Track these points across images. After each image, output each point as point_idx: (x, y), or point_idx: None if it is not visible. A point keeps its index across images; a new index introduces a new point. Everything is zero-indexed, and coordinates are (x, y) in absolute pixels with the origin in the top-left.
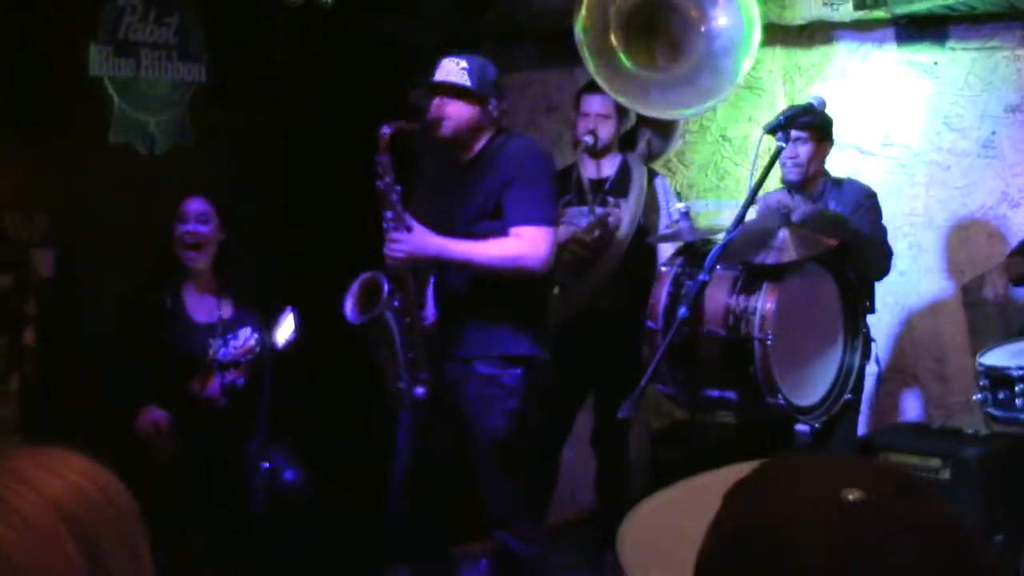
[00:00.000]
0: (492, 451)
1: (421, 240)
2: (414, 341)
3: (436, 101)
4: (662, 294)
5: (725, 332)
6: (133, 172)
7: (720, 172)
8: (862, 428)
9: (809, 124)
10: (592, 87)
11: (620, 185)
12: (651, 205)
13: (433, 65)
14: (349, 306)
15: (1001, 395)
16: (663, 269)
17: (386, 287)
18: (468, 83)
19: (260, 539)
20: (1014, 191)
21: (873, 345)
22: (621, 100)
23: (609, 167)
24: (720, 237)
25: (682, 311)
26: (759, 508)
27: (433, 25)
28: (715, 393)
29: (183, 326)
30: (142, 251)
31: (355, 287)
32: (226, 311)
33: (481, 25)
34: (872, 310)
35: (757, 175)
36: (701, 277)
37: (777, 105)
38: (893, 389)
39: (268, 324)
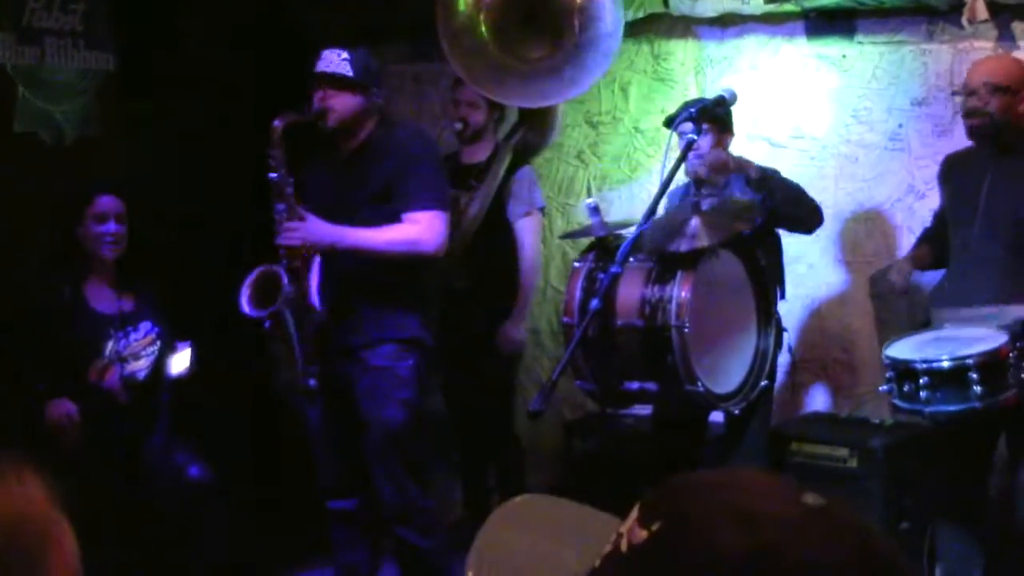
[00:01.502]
0: (387, 443)
1: (316, 229)
2: (305, 333)
3: (319, 93)
4: (576, 290)
5: (642, 323)
6: (39, 162)
7: (633, 164)
8: (774, 418)
9: (715, 116)
10: None
11: (487, 170)
12: (509, 193)
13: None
14: (244, 300)
15: (906, 387)
16: (576, 265)
17: (285, 280)
18: (349, 73)
19: (170, 534)
20: (920, 183)
21: (785, 334)
22: (477, 88)
23: (483, 152)
24: (631, 231)
25: (594, 303)
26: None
27: (347, 13)
28: (635, 385)
29: (83, 317)
30: (49, 242)
31: (250, 280)
32: (127, 304)
33: (396, 14)
34: (783, 296)
35: (668, 167)
36: (613, 269)
37: (690, 97)
38: (803, 380)
39: (171, 317)
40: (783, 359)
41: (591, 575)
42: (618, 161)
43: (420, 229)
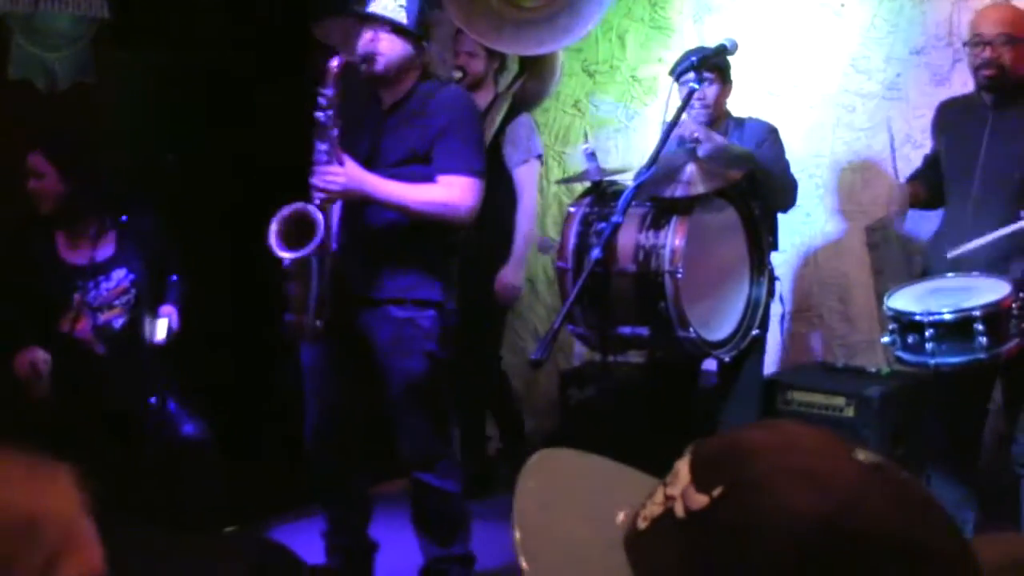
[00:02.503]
0: (410, 393)
1: (357, 175)
2: (324, 277)
3: (369, 35)
4: (571, 234)
5: (635, 268)
6: (34, 109)
7: (630, 112)
8: (769, 368)
9: (716, 65)
10: None
11: (487, 119)
12: (506, 141)
13: (340, 0)
14: (274, 237)
15: (910, 339)
16: (571, 210)
17: (322, 222)
18: (404, 20)
19: (160, 489)
20: (917, 133)
21: (777, 283)
22: (476, 38)
23: (482, 101)
24: (626, 177)
25: (595, 252)
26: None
27: None
28: (627, 330)
29: (53, 267)
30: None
31: (280, 218)
32: (102, 253)
33: None
34: (775, 247)
35: (670, 116)
36: (615, 219)
37: (687, 46)
38: (798, 329)
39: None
40: (776, 308)
41: (640, 537)
42: (615, 110)
43: (455, 192)
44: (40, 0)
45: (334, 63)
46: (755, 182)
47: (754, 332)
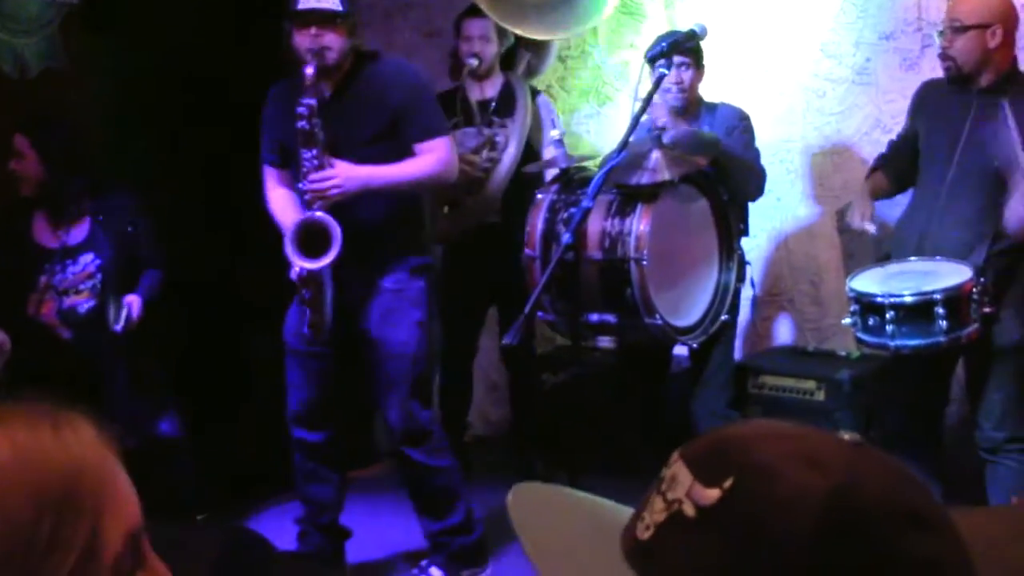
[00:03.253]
0: (401, 366)
1: (351, 173)
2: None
3: (312, 31)
4: (538, 221)
5: (602, 255)
6: (3, 94)
7: (601, 98)
8: (739, 352)
9: (691, 50)
10: (472, 11)
11: (505, 105)
12: (535, 124)
13: None
14: (293, 251)
15: (871, 321)
16: (539, 196)
17: (337, 231)
18: (339, 7)
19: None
20: (887, 118)
21: (747, 268)
22: (502, 23)
23: (492, 88)
24: (593, 163)
25: (566, 237)
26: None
27: None
28: (595, 317)
29: (23, 249)
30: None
31: (293, 231)
32: (75, 238)
33: None
34: (745, 232)
35: (640, 102)
36: (585, 204)
37: (658, 32)
38: (770, 313)
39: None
40: (746, 293)
41: (646, 545)
42: (586, 95)
43: (440, 157)
44: None
45: (309, 70)
46: (721, 169)
47: (723, 318)
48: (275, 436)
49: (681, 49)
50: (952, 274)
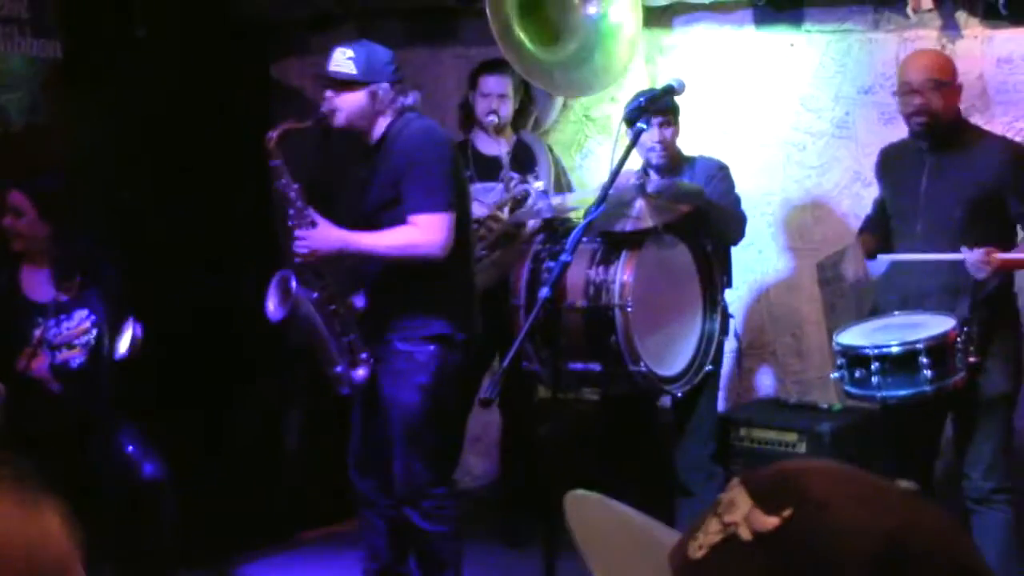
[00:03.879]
0: (403, 426)
1: (324, 235)
2: (346, 326)
3: (328, 93)
4: (523, 271)
5: (586, 303)
6: None
7: (584, 152)
8: (722, 404)
9: (669, 108)
10: (489, 67)
11: (519, 162)
12: (559, 180)
13: (300, 40)
14: (273, 305)
15: (857, 373)
16: (523, 246)
17: (294, 283)
18: (353, 72)
19: (120, 531)
20: (867, 171)
21: (731, 320)
22: (528, 78)
23: (505, 144)
24: (578, 215)
25: (544, 292)
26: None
27: (300, 0)
28: (579, 366)
29: (14, 304)
30: None
31: (273, 286)
32: (66, 293)
33: (348, 2)
34: (729, 284)
35: (619, 156)
36: (563, 258)
37: (639, 87)
38: (752, 365)
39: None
40: (730, 345)
41: (698, 566)
42: (568, 149)
43: (418, 233)
44: None
45: (272, 135)
46: (705, 217)
47: (707, 368)
48: (261, 483)
49: (660, 107)
50: (937, 325)
